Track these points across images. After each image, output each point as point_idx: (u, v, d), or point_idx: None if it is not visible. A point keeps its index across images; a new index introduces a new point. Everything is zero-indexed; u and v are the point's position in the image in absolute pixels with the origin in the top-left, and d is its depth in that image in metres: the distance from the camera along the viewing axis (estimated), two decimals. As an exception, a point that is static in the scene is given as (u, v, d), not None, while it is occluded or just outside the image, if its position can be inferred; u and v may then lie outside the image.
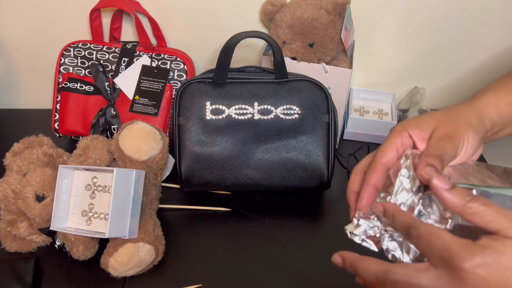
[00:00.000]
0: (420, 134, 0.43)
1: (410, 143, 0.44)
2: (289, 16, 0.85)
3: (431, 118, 0.44)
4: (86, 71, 0.90)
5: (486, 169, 0.45)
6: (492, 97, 0.46)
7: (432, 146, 0.41)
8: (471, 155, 0.44)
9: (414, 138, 0.43)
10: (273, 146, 0.77)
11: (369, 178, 0.43)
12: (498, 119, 0.45)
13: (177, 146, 0.77)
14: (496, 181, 0.42)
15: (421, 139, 0.43)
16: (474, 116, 0.44)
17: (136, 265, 0.66)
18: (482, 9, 0.92)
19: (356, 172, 0.46)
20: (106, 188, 0.67)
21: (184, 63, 0.88)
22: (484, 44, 0.97)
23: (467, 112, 0.44)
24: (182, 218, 0.79)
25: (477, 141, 0.43)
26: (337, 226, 0.78)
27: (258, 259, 0.71)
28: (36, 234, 0.71)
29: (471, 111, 0.45)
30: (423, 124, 0.44)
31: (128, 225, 0.65)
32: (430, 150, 0.41)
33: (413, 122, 0.44)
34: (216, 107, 0.76)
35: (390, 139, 0.44)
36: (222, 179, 0.77)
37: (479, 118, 0.44)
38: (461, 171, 0.43)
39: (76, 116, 0.90)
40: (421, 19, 0.93)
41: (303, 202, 0.82)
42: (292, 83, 0.77)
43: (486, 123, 0.45)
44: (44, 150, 0.73)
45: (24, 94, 1.08)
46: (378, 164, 0.43)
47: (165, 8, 0.93)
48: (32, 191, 0.66)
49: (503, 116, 0.45)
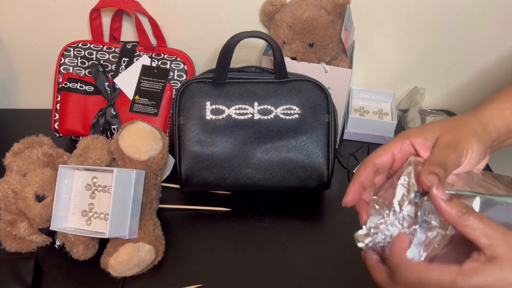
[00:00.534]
0: (424, 143, 0.43)
1: (411, 151, 0.44)
2: (289, 16, 0.85)
3: (435, 127, 0.44)
4: (86, 71, 0.90)
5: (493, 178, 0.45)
6: (497, 107, 0.46)
7: (436, 154, 0.42)
8: (475, 163, 0.44)
9: (417, 147, 0.44)
10: (273, 146, 0.77)
11: (358, 175, 0.44)
12: (504, 129, 0.46)
13: (177, 146, 0.77)
14: (502, 190, 0.42)
15: (425, 148, 0.43)
16: (478, 126, 0.44)
17: (136, 265, 0.66)
18: (482, 9, 0.92)
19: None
20: (106, 188, 0.67)
21: (184, 63, 0.88)
22: (484, 44, 0.97)
23: (472, 121, 0.45)
24: (182, 218, 0.79)
25: (481, 150, 0.43)
26: (337, 226, 0.78)
27: (258, 259, 0.71)
28: (36, 234, 0.71)
29: (476, 120, 0.45)
30: (427, 133, 0.44)
31: (128, 225, 0.65)
32: (433, 158, 0.41)
33: (416, 131, 0.45)
34: (216, 107, 0.76)
35: (389, 144, 0.45)
36: (222, 179, 0.77)
37: (484, 127, 0.44)
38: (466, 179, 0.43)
39: (76, 116, 0.90)
40: (421, 19, 0.93)
41: (303, 202, 0.82)
42: (292, 83, 0.77)
43: (491, 133, 0.45)
44: (44, 150, 0.73)
45: (24, 94, 1.08)
46: (369, 163, 0.44)
47: (165, 8, 0.93)
48: (32, 191, 0.66)
49: (509, 125, 0.46)
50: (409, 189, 0.41)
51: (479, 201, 0.39)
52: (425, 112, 1.00)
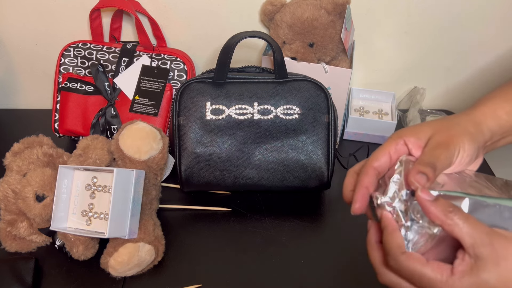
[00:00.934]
0: (416, 142, 0.44)
1: (405, 150, 0.44)
2: (289, 16, 0.85)
3: (428, 127, 0.44)
4: (86, 71, 0.90)
5: (485, 180, 0.45)
6: (490, 107, 0.46)
7: (426, 154, 0.42)
8: (467, 163, 0.44)
9: (410, 146, 0.44)
10: (273, 146, 0.77)
11: (362, 180, 0.43)
12: (498, 129, 0.46)
13: (177, 146, 0.77)
14: (493, 192, 0.42)
15: (417, 147, 0.44)
16: (471, 126, 0.44)
17: (136, 265, 0.66)
18: (482, 9, 0.92)
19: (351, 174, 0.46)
20: (106, 188, 0.67)
21: (184, 63, 0.88)
22: (484, 44, 0.97)
23: (465, 121, 0.45)
24: (182, 218, 0.79)
25: (473, 150, 0.43)
26: (337, 226, 0.78)
27: (258, 259, 0.71)
28: (36, 234, 0.71)
29: (469, 120, 0.45)
30: (420, 133, 0.44)
31: (128, 225, 0.65)
32: (423, 157, 0.42)
33: (410, 130, 0.45)
34: (216, 107, 0.76)
35: (384, 145, 0.45)
36: (222, 179, 0.77)
37: (477, 127, 0.45)
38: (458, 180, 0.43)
39: (76, 116, 0.90)
40: (421, 19, 0.93)
41: (303, 202, 0.82)
42: (292, 83, 0.77)
43: (484, 133, 0.45)
44: (44, 150, 0.73)
45: (24, 94, 1.08)
46: (370, 167, 0.44)
47: (165, 8, 0.93)
48: (32, 191, 0.66)
49: (502, 125, 0.46)
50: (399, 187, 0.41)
51: (468, 202, 0.39)
52: (425, 112, 1.00)
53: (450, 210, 0.37)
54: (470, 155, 0.43)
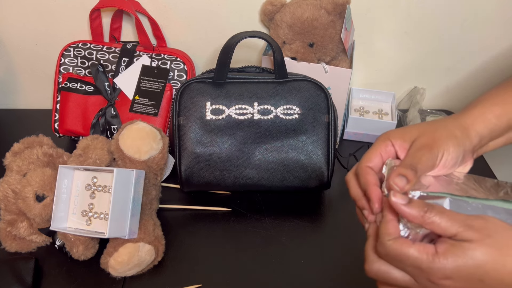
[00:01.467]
0: (402, 145, 0.44)
1: (393, 152, 0.45)
2: (289, 16, 0.85)
3: (414, 129, 0.45)
4: (86, 71, 0.90)
5: (474, 181, 0.45)
6: (479, 110, 0.46)
7: (409, 156, 0.42)
8: (451, 166, 0.44)
9: (396, 148, 0.44)
10: (273, 146, 0.77)
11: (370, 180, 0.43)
12: (487, 133, 0.45)
13: (177, 146, 0.77)
14: (480, 193, 0.42)
15: (403, 149, 0.44)
16: (458, 129, 0.44)
17: (136, 265, 0.66)
18: (482, 9, 0.92)
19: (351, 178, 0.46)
20: (106, 188, 0.67)
21: (184, 63, 0.88)
22: (485, 44, 0.97)
23: (452, 124, 0.45)
24: (182, 218, 0.79)
25: (458, 154, 0.43)
26: (337, 226, 0.78)
27: (258, 259, 0.71)
28: (36, 234, 0.71)
29: (456, 123, 0.45)
30: (406, 135, 0.44)
31: (128, 225, 0.65)
32: (405, 160, 0.42)
33: (397, 132, 0.45)
34: (216, 107, 0.76)
35: (374, 146, 0.45)
36: (222, 179, 0.77)
37: (464, 131, 0.44)
38: (445, 182, 0.44)
39: (76, 116, 0.90)
40: (421, 19, 0.93)
41: (303, 202, 0.82)
42: (292, 83, 0.77)
43: (471, 137, 0.45)
44: (44, 150, 0.73)
45: (24, 94, 1.08)
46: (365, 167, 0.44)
47: (165, 8, 0.93)
48: (32, 191, 0.66)
49: (492, 129, 0.45)
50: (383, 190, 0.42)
51: (449, 201, 0.40)
52: (425, 112, 1.00)
53: (425, 209, 0.37)
54: (455, 158, 0.43)
